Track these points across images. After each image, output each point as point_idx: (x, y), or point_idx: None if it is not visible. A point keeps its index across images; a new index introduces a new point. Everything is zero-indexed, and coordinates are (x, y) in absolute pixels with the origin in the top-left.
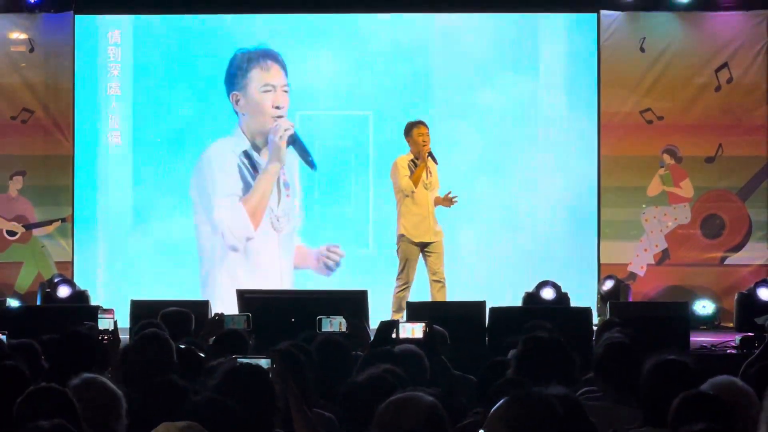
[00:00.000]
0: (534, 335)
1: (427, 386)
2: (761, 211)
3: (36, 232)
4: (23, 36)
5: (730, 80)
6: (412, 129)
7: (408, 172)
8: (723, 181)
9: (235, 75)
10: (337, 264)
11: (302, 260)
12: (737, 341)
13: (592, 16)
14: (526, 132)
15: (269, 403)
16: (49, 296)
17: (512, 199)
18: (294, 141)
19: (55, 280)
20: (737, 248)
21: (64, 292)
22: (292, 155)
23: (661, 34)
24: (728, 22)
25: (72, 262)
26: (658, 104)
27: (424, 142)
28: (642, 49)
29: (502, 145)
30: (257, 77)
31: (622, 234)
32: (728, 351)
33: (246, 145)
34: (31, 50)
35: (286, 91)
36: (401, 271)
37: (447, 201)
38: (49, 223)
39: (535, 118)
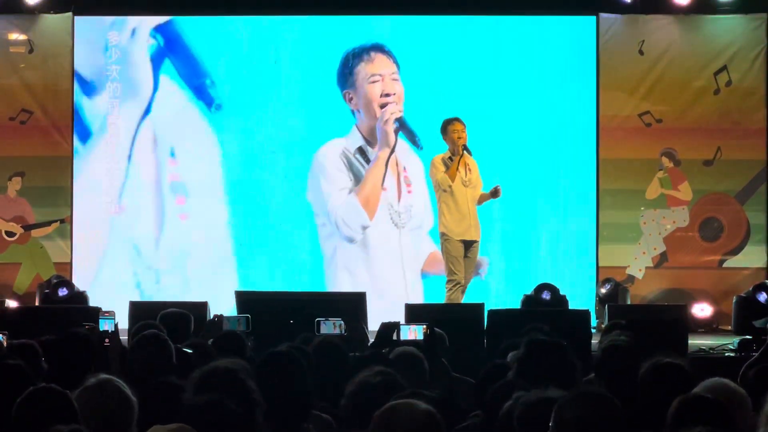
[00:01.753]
0: (537, 338)
1: (426, 389)
2: (759, 215)
3: (35, 233)
4: (22, 37)
5: (728, 83)
6: (447, 126)
7: (444, 168)
8: (721, 184)
9: (344, 74)
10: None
11: (435, 266)
12: (735, 344)
13: (591, 19)
14: (524, 134)
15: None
16: (48, 297)
17: (511, 201)
18: (401, 125)
19: (54, 281)
20: (735, 251)
21: (62, 293)
22: (414, 158)
23: (660, 37)
24: (727, 26)
25: (71, 263)
26: (656, 107)
27: (459, 137)
28: (641, 52)
29: (500, 147)
30: (363, 70)
31: (621, 237)
32: (726, 354)
33: (360, 142)
34: (31, 51)
35: (395, 79)
36: (450, 272)
37: (493, 195)
38: (48, 224)
39: (534, 120)
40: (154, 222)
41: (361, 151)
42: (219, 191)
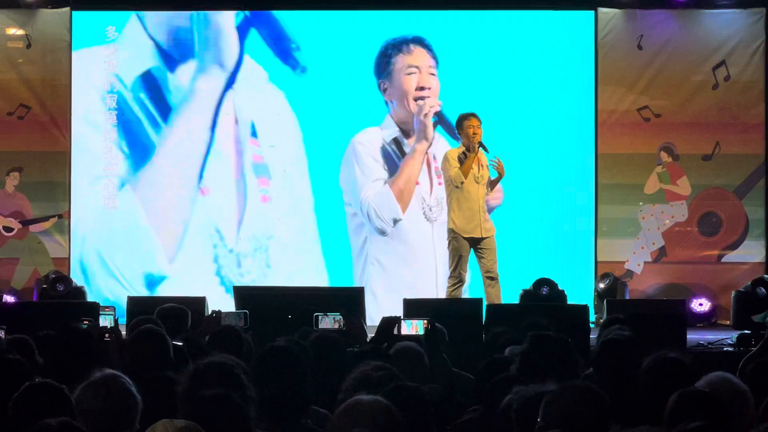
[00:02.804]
0: (541, 333)
1: (426, 384)
2: (758, 209)
3: (33, 228)
4: (20, 32)
5: (727, 78)
6: (463, 121)
7: (458, 164)
8: (720, 178)
9: (381, 63)
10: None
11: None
12: (734, 339)
13: (589, 14)
14: (523, 129)
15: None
16: (46, 292)
17: (509, 195)
18: (440, 118)
19: (52, 276)
20: (734, 246)
21: (60, 288)
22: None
23: (658, 32)
24: (726, 20)
25: (68, 258)
26: (655, 102)
27: (474, 133)
28: (639, 47)
29: (499, 141)
30: (400, 61)
31: (620, 231)
32: (725, 349)
33: (395, 132)
34: (29, 46)
35: (432, 74)
36: (453, 268)
37: (499, 175)
38: (46, 219)
39: (533, 114)
40: (236, 204)
41: (396, 142)
42: (302, 172)
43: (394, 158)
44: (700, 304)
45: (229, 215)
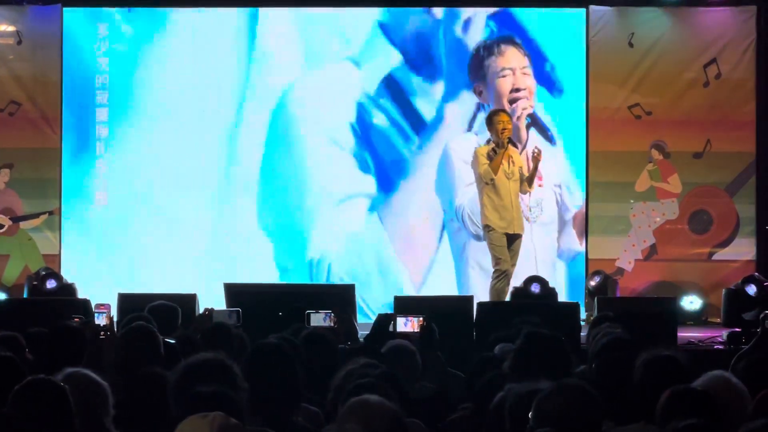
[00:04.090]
0: (535, 331)
1: (418, 382)
2: (749, 207)
3: (23, 224)
4: (11, 28)
5: (718, 76)
6: (492, 117)
7: (487, 161)
8: (711, 176)
9: (474, 66)
10: None
11: None
12: (724, 337)
13: (581, 11)
14: (514, 127)
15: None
16: (36, 289)
17: None
18: (533, 120)
19: (42, 273)
20: (725, 244)
21: (50, 285)
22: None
23: (649, 30)
24: (717, 18)
25: (59, 255)
26: (646, 99)
27: (503, 129)
28: (631, 45)
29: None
30: (494, 64)
31: (610, 229)
32: (715, 346)
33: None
34: (19, 42)
35: (526, 74)
36: (495, 262)
37: (536, 161)
38: (37, 215)
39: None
40: None
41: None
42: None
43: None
44: (691, 302)
45: None
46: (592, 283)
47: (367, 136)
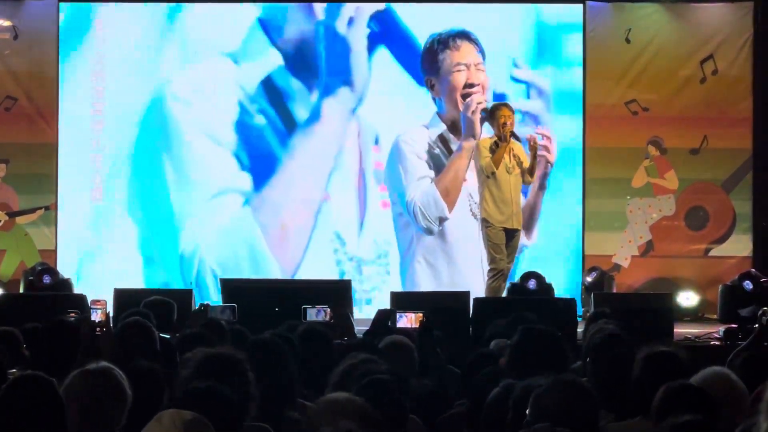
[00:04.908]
0: (532, 326)
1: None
2: (745, 203)
3: (19, 220)
4: (7, 23)
5: (715, 72)
6: (495, 111)
7: (489, 154)
8: (707, 173)
9: (427, 60)
10: None
11: None
12: (721, 333)
13: (578, 7)
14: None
15: (244, 390)
16: (32, 284)
17: None
18: (488, 114)
19: (38, 269)
20: (721, 240)
21: (47, 280)
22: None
23: (646, 26)
24: (714, 14)
25: (55, 251)
26: (643, 96)
27: (505, 123)
28: (627, 41)
29: (486, 135)
30: (448, 59)
31: (607, 225)
32: (712, 342)
33: (442, 130)
34: (15, 37)
35: (480, 69)
36: (491, 260)
37: (533, 150)
38: (33, 211)
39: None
40: (356, 210)
41: (442, 139)
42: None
43: (440, 156)
44: (687, 298)
45: (350, 220)
46: (589, 279)
47: (242, 133)
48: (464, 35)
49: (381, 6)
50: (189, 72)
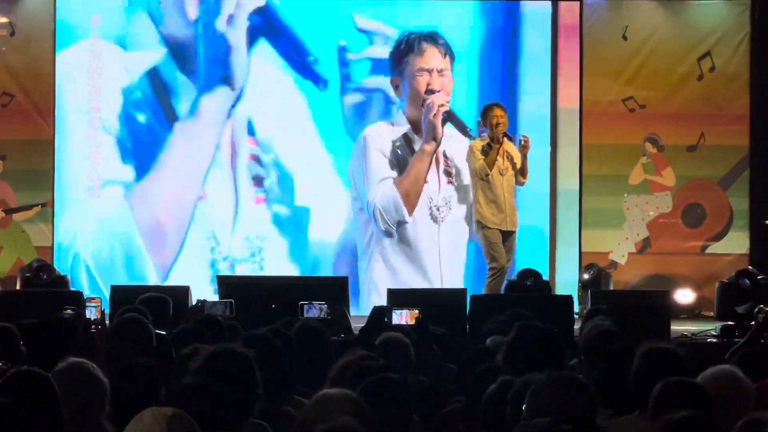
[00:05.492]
0: (529, 323)
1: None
2: (742, 201)
3: (16, 216)
4: (4, 19)
5: (712, 69)
6: (487, 111)
7: (482, 156)
8: (704, 170)
9: (394, 60)
10: None
11: None
12: (717, 330)
13: (574, 4)
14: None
15: (251, 390)
16: (29, 281)
17: None
18: (450, 115)
19: (35, 265)
20: (718, 237)
21: (43, 276)
22: (457, 148)
23: (644, 23)
24: (711, 11)
25: (52, 247)
26: (640, 93)
27: (498, 123)
28: (624, 38)
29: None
30: (413, 61)
31: (604, 222)
32: (708, 340)
33: (406, 129)
34: (12, 34)
35: (444, 75)
36: (491, 259)
37: (523, 150)
38: (30, 207)
39: (517, 105)
40: (231, 209)
41: (406, 139)
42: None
43: (404, 156)
44: (684, 295)
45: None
46: (586, 276)
47: (127, 122)
48: (431, 38)
49: (261, 2)
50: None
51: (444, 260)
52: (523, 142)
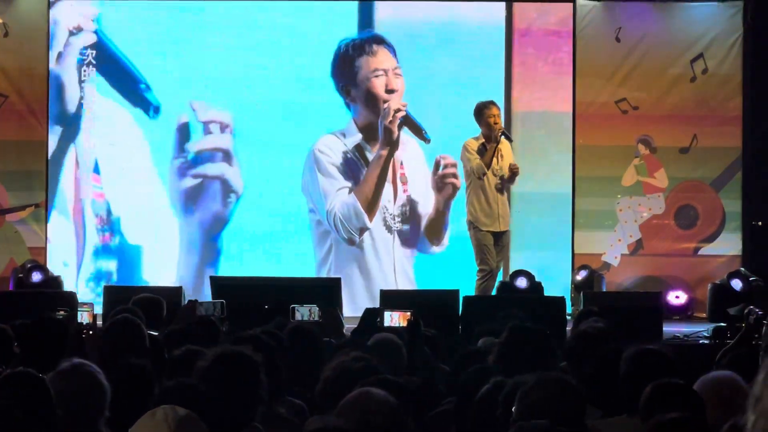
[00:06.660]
0: (520, 325)
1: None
2: (735, 202)
3: (9, 217)
4: None
5: (705, 71)
6: (482, 110)
7: (477, 156)
8: (697, 171)
9: (342, 65)
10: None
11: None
12: (710, 331)
13: (568, 6)
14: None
15: (254, 393)
16: (22, 282)
17: None
18: (406, 120)
19: (28, 266)
20: (711, 239)
21: (36, 277)
22: (416, 150)
23: (637, 24)
24: (704, 13)
25: (45, 248)
26: (633, 94)
27: (495, 122)
28: (618, 39)
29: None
30: (365, 64)
31: (597, 224)
32: (701, 341)
33: (358, 139)
34: (6, 35)
35: (398, 75)
36: (481, 260)
37: (511, 178)
38: (23, 208)
39: (511, 106)
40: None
41: (359, 148)
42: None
43: (358, 166)
44: (677, 297)
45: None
46: (578, 277)
47: None
48: (379, 40)
49: (92, 38)
50: None
51: (399, 269)
52: (513, 169)
